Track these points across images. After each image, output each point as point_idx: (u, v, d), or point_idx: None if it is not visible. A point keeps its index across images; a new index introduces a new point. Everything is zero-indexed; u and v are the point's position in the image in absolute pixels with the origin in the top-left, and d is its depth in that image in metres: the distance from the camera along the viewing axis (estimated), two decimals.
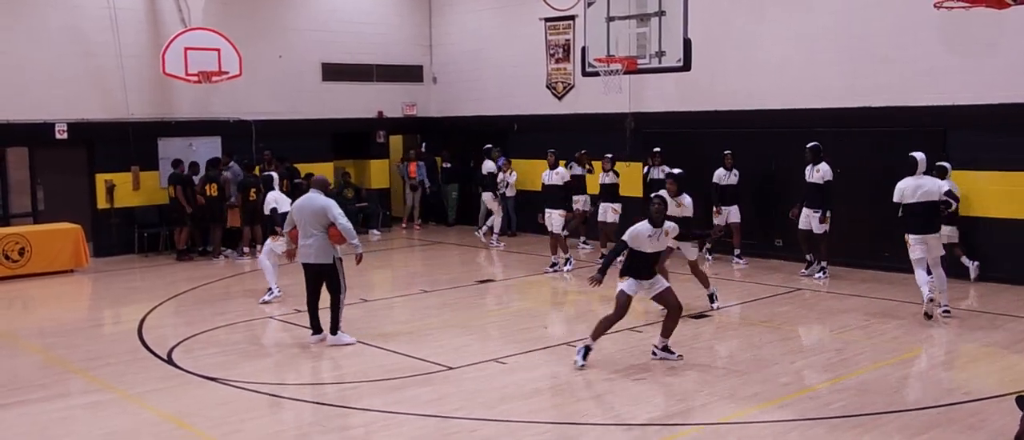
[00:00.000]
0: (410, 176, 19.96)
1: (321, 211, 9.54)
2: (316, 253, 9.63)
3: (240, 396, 8.11)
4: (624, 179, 15.54)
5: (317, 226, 9.57)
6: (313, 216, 9.57)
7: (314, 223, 9.57)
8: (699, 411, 7.50)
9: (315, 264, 9.69)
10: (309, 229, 9.61)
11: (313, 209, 9.58)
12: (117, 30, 16.35)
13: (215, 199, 16.22)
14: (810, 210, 13.14)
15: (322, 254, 9.63)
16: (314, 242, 9.60)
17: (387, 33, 20.12)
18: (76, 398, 8.25)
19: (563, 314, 11.75)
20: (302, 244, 9.73)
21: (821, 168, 12.98)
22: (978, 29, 12.39)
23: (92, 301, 13.45)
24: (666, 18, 15.26)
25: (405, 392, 8.15)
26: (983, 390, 7.94)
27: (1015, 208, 12.49)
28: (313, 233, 9.59)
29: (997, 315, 10.81)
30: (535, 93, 18.63)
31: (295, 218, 9.82)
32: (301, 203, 9.76)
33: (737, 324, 10.71)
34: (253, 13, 18.10)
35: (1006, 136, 12.47)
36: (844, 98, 13.96)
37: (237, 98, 17.73)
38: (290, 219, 10.00)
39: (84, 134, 16.28)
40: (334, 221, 9.47)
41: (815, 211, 13.06)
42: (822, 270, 13.25)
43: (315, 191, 9.78)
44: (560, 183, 14.32)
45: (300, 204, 9.77)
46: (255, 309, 11.79)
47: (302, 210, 9.68)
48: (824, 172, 12.95)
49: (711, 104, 15.63)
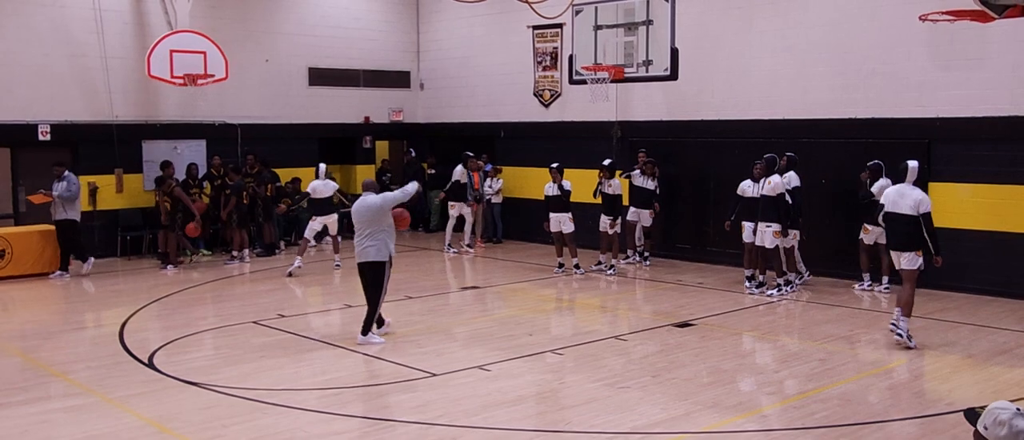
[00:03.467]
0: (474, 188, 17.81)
1: (378, 209, 9.90)
2: (375, 252, 9.91)
3: (222, 401, 8.05)
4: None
5: (375, 224, 9.91)
6: (371, 216, 9.92)
7: (373, 222, 9.91)
8: (683, 420, 7.49)
9: (369, 262, 9.95)
10: (367, 229, 9.94)
11: (370, 210, 9.94)
12: (102, 31, 16.26)
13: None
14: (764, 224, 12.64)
15: (379, 254, 9.92)
16: (373, 243, 9.91)
17: (375, 38, 20.10)
18: (56, 402, 8.17)
19: (548, 321, 11.73)
20: (360, 245, 10.03)
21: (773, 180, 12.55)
22: (964, 43, 12.49)
23: (74, 304, 13.34)
24: (653, 27, 15.36)
25: (388, 398, 8.12)
26: (965, 401, 7.96)
27: (997, 220, 12.57)
28: (372, 233, 9.92)
29: (979, 326, 10.87)
30: (522, 100, 18.65)
31: (355, 221, 10.11)
32: (357, 206, 10.11)
33: (721, 333, 10.73)
34: (240, 16, 18.04)
35: (990, 149, 12.56)
36: (831, 109, 14.02)
37: (223, 101, 17.67)
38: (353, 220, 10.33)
39: (68, 135, 16.16)
40: (394, 204, 9.91)
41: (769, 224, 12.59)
42: (779, 286, 12.79)
43: (367, 193, 10.12)
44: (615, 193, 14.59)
45: (357, 207, 10.11)
46: (238, 313, 11.72)
47: (360, 213, 10.02)
48: (776, 183, 12.53)
49: (698, 114, 15.67)
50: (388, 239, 9.94)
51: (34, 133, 15.85)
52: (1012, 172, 12.40)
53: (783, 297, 12.62)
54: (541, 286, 13.99)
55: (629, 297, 13.34)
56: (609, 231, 14.69)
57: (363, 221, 9.95)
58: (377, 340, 10.04)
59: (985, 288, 12.55)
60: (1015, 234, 12.43)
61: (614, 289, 13.80)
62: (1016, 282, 12.38)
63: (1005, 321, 11.13)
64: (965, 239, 12.78)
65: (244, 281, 14.48)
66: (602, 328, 11.14)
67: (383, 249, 9.90)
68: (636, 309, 12.49)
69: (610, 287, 13.93)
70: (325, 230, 15.78)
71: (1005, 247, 12.51)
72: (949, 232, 12.83)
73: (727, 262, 14.74)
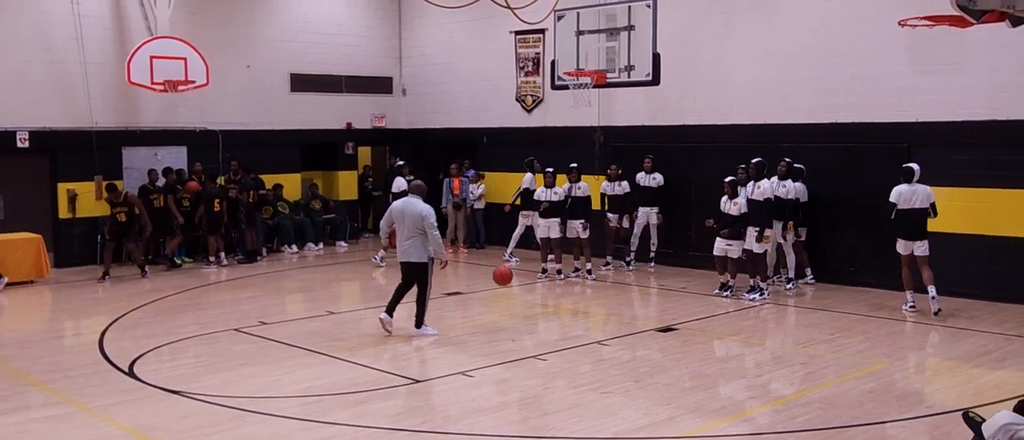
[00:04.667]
0: (454, 193, 18.17)
1: (419, 217, 10.31)
2: (413, 253, 10.40)
3: (203, 409, 7.99)
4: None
5: (414, 229, 10.34)
6: (412, 220, 10.34)
7: (412, 226, 10.34)
8: (666, 424, 7.50)
9: (410, 262, 10.45)
10: (407, 231, 10.39)
11: (412, 214, 10.36)
12: (82, 37, 16.14)
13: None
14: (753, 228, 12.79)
15: (418, 254, 10.38)
16: (411, 243, 10.38)
17: (357, 44, 20.05)
18: (34, 411, 8.09)
19: (531, 327, 11.72)
20: (400, 244, 10.49)
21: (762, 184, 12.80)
22: (943, 48, 12.58)
23: (53, 312, 13.21)
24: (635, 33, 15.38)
25: (371, 405, 8.08)
26: (946, 403, 8.02)
27: (976, 223, 12.67)
28: (411, 235, 10.37)
29: (958, 329, 10.94)
30: (504, 106, 18.65)
31: (395, 219, 10.56)
32: (401, 206, 10.55)
33: (704, 338, 10.75)
34: (221, 22, 17.96)
35: (969, 153, 12.66)
36: (812, 114, 14.09)
37: (204, 108, 17.57)
38: (388, 219, 10.75)
39: (46, 142, 16.02)
40: (427, 232, 10.30)
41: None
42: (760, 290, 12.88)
43: (414, 196, 10.54)
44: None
45: (400, 207, 10.54)
46: (219, 321, 11.66)
47: (403, 213, 10.46)
48: (765, 188, 12.74)
49: (680, 119, 15.71)
50: (426, 242, 10.39)
51: (12, 140, 15.70)
52: (990, 175, 12.49)
53: (764, 301, 12.67)
54: (525, 292, 13.98)
55: (611, 302, 13.34)
56: (581, 235, 14.71)
57: (404, 222, 10.42)
58: (430, 331, 10.61)
59: (964, 290, 12.63)
60: (993, 237, 12.53)
61: (595, 294, 13.80)
62: (995, 284, 12.48)
63: (984, 323, 11.21)
64: (944, 242, 12.85)
65: (225, 288, 14.39)
66: (585, 333, 11.14)
67: (422, 251, 10.39)
68: (618, 314, 12.49)
69: (589, 292, 13.93)
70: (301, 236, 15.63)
71: (984, 250, 12.60)
72: (928, 235, 12.93)
73: (710, 267, 14.75)
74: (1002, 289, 12.39)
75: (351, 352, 9.95)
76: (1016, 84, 12.21)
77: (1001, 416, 4.32)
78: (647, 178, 15.47)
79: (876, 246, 13.17)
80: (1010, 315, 11.60)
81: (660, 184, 15.46)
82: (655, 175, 15.45)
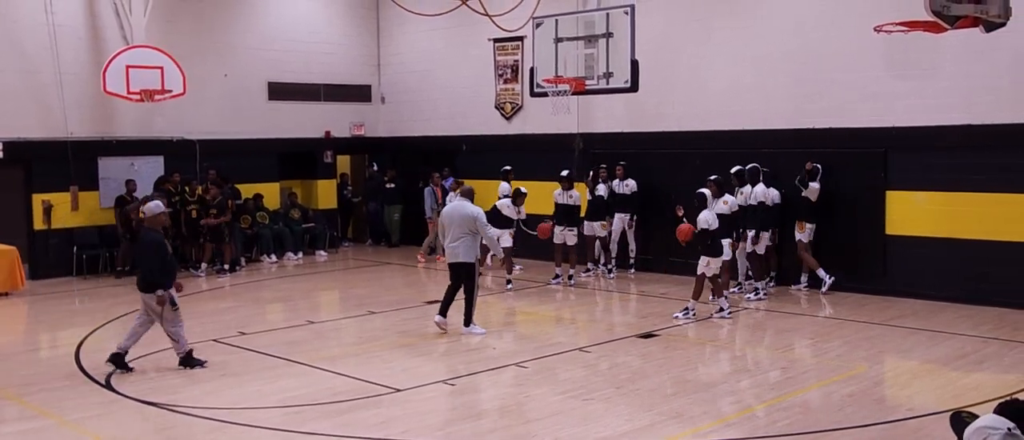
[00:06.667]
0: (437, 201, 17.75)
1: (470, 218, 10.75)
2: (462, 254, 10.76)
3: (181, 421, 7.91)
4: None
5: (463, 230, 10.73)
6: (461, 221, 10.75)
7: (462, 227, 10.74)
8: (647, 431, 7.49)
9: (458, 262, 10.82)
10: (456, 232, 10.77)
11: (462, 215, 10.80)
12: (56, 46, 15.98)
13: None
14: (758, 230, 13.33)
15: (466, 254, 10.75)
16: (460, 244, 10.75)
17: (335, 52, 19.98)
18: (10, 426, 7.97)
19: (512, 334, 11.70)
20: (449, 246, 10.90)
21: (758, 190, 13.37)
22: (918, 54, 12.69)
23: (28, 325, 13.06)
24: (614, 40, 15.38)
25: (352, 415, 8.02)
26: (925, 406, 8.07)
27: (951, 227, 12.78)
28: (460, 236, 10.75)
29: (936, 333, 11.01)
30: (484, 113, 18.64)
31: (444, 223, 10.96)
32: (450, 210, 11.08)
33: (685, 344, 10.76)
34: (198, 31, 17.85)
35: (944, 157, 12.77)
36: (790, 120, 14.18)
37: (181, 117, 17.42)
38: (442, 223, 11.12)
39: (21, 153, 15.85)
40: (481, 231, 10.75)
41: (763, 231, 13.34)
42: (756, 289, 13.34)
43: (462, 199, 11.03)
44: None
45: (449, 210, 11.07)
46: (198, 332, 11.52)
47: (451, 216, 10.91)
48: (759, 192, 13.35)
49: (659, 125, 15.77)
50: (474, 242, 10.79)
51: None
52: (966, 179, 12.60)
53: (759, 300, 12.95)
54: (504, 299, 13.95)
55: (592, 308, 13.34)
56: (568, 242, 14.77)
57: (453, 224, 10.79)
58: (478, 330, 10.96)
59: (941, 294, 12.73)
60: (970, 241, 12.63)
61: (577, 301, 13.80)
62: (971, 288, 12.57)
63: (961, 326, 11.29)
64: (921, 246, 12.98)
65: (204, 299, 14.26)
66: (566, 340, 11.13)
67: (470, 251, 10.75)
68: (599, 321, 12.49)
69: (571, 299, 13.93)
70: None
71: (960, 253, 12.70)
72: (905, 239, 13.06)
73: (690, 272, 14.76)
74: (979, 292, 12.48)
75: (331, 361, 9.89)
76: (991, 88, 12.34)
77: (983, 418, 4.33)
78: (620, 185, 15.54)
79: (856, 250, 13.25)
80: (987, 318, 11.70)
81: (633, 190, 15.53)
82: (628, 181, 15.51)
